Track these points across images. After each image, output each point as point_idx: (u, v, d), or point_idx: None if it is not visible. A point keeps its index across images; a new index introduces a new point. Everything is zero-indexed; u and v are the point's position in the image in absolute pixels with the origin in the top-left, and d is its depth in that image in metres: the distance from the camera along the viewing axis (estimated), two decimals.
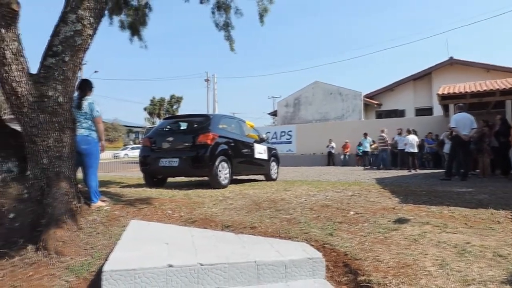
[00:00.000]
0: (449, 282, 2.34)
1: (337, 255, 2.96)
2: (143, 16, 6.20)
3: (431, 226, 3.58)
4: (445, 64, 23.16)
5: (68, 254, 2.95)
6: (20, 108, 3.21)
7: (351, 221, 3.84)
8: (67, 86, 3.39)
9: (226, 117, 8.19)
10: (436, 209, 4.36)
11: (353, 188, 6.18)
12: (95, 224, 3.65)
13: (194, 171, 6.78)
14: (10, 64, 3.02)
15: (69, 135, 3.55)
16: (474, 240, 3.10)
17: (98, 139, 4.22)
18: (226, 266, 2.54)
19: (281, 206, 4.51)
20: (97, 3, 3.33)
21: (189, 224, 3.81)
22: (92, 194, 4.17)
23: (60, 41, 3.27)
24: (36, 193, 3.44)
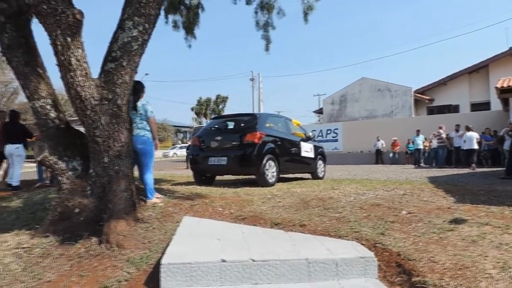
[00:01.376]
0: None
1: (390, 255, 2.90)
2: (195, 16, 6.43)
3: (491, 227, 3.39)
4: (504, 55, 21.58)
5: (128, 247, 3.14)
6: (84, 110, 3.46)
7: (404, 220, 3.74)
8: (125, 89, 3.60)
9: (273, 116, 8.24)
10: (496, 209, 4.12)
11: (404, 187, 5.98)
12: (150, 219, 3.85)
13: (242, 170, 6.91)
14: (75, 70, 3.27)
15: (127, 135, 3.78)
16: None
17: (152, 139, 4.44)
18: (277, 263, 2.58)
19: (330, 205, 4.48)
20: (151, 10, 3.51)
21: (239, 221, 3.90)
22: (147, 191, 4.40)
23: (119, 47, 3.49)
24: (98, 190, 3.69)
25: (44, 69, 3.79)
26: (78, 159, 3.85)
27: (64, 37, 3.10)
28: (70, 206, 3.69)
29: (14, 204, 5.71)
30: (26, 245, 3.45)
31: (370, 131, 19.85)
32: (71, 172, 3.78)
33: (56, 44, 3.13)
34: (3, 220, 4.74)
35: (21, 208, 5.38)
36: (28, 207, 5.41)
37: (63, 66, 3.26)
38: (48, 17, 2.98)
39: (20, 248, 3.41)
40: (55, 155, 3.74)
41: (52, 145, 3.74)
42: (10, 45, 3.54)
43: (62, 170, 3.76)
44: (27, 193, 6.59)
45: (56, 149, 3.74)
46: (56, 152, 3.74)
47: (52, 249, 3.27)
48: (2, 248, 3.45)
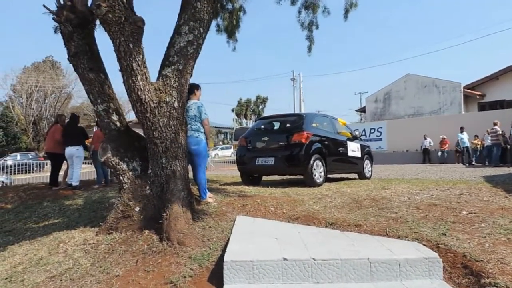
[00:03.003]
0: None
1: (454, 256, 2.80)
2: (237, 19, 6.53)
3: None
4: None
5: (188, 244, 3.25)
6: (144, 113, 3.63)
7: (465, 221, 3.58)
8: (181, 92, 3.75)
9: (319, 116, 8.18)
10: None
11: (460, 187, 5.72)
12: (206, 218, 3.97)
13: (290, 170, 6.91)
14: (136, 75, 3.45)
15: (183, 136, 3.92)
16: None
17: (205, 140, 4.56)
18: (338, 262, 2.57)
19: (384, 205, 4.38)
20: (205, 14, 3.62)
21: (292, 220, 3.92)
22: (201, 191, 4.53)
23: (176, 51, 3.63)
24: (156, 189, 3.86)
25: (106, 75, 4.01)
26: (138, 160, 4.04)
27: (126, 44, 3.27)
28: (131, 205, 3.88)
29: (76, 203, 6.10)
30: (92, 241, 3.68)
31: (416, 129, 19.12)
32: (131, 173, 3.97)
33: (119, 50, 3.32)
34: (68, 218, 5.08)
35: (83, 207, 5.73)
36: (89, 205, 5.76)
37: (125, 71, 3.44)
38: (113, 25, 3.16)
39: (86, 244, 3.64)
40: (117, 156, 3.94)
41: (114, 146, 3.95)
42: (77, 52, 3.78)
43: (123, 170, 3.96)
44: (86, 192, 7.01)
45: (118, 150, 3.95)
46: (118, 154, 3.95)
47: (116, 246, 3.46)
48: (71, 244, 3.71)
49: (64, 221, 4.92)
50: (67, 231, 4.19)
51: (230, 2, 6.54)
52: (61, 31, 3.85)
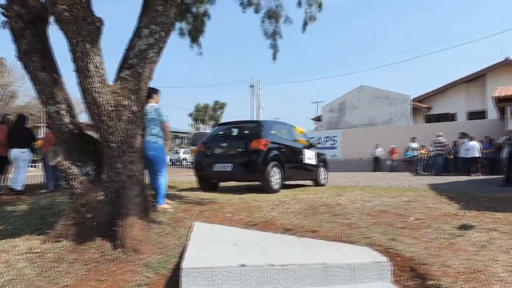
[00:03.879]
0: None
1: (403, 259, 2.95)
2: (201, 24, 6.51)
3: (499, 233, 3.46)
4: (500, 65, 21.90)
5: (144, 252, 3.18)
6: (100, 116, 3.51)
7: (413, 226, 3.80)
8: (140, 96, 3.67)
9: (278, 123, 8.33)
10: (502, 215, 4.20)
11: (408, 194, 6.06)
12: (162, 225, 3.90)
13: (247, 176, 6.96)
14: (92, 77, 3.33)
15: (140, 141, 3.83)
16: None
17: (164, 145, 4.48)
18: (295, 267, 2.63)
19: (338, 211, 4.54)
20: (168, 18, 3.59)
21: (250, 226, 3.95)
22: (159, 197, 4.44)
23: (135, 54, 3.55)
24: (111, 195, 3.73)
25: (60, 75, 3.83)
26: (92, 164, 3.88)
27: (84, 44, 3.17)
28: (83, 211, 3.72)
29: (20, 209, 5.71)
30: (38, 250, 3.47)
31: (369, 139, 19.99)
32: (84, 177, 3.81)
33: (75, 50, 3.20)
34: (11, 225, 4.74)
35: (28, 213, 5.38)
36: (35, 211, 5.42)
37: (81, 73, 3.32)
38: (70, 24, 3.05)
39: (32, 253, 3.42)
40: (69, 160, 3.77)
41: (66, 150, 3.78)
42: (28, 50, 3.57)
43: (76, 175, 3.79)
44: (32, 197, 6.60)
45: (70, 154, 3.78)
46: (70, 157, 3.77)
47: (65, 254, 3.29)
48: (14, 253, 3.47)
49: (7, 228, 4.60)
50: (10, 239, 3.91)
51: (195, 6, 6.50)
52: (10, 26, 3.63)
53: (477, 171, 13.87)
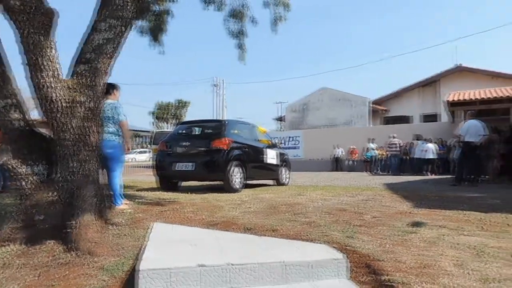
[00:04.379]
0: (469, 281, 2.44)
1: (359, 256, 3.05)
2: (163, 22, 6.37)
3: (447, 230, 3.67)
4: (452, 71, 23.24)
5: (100, 254, 3.06)
6: (53, 113, 3.35)
7: (369, 224, 3.94)
8: (97, 92, 3.53)
9: (240, 123, 8.33)
10: (450, 213, 4.45)
11: (366, 193, 6.27)
12: (120, 226, 3.78)
13: (209, 176, 6.92)
14: (46, 70, 3.17)
15: (97, 139, 3.69)
16: (490, 242, 3.20)
17: (122, 143, 4.35)
18: (255, 266, 2.64)
19: (299, 210, 4.61)
20: (128, 13, 3.48)
21: (211, 226, 3.92)
22: (116, 197, 4.30)
23: (93, 48, 3.42)
24: (65, 195, 3.56)
25: (9, 68, 3.61)
26: (44, 163, 3.69)
27: (36, 36, 3.00)
28: (33, 213, 3.53)
29: None
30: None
31: (330, 139, 20.49)
32: (35, 177, 3.61)
33: (27, 42, 3.03)
34: None
35: None
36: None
37: (32, 66, 3.15)
38: (20, 14, 2.88)
39: None
40: (18, 159, 3.56)
41: (16, 148, 3.56)
42: None
43: (26, 174, 3.58)
44: None
45: (19, 152, 3.56)
46: (19, 156, 3.56)
47: (13, 259, 3.10)
48: None
49: None
50: None
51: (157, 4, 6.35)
52: None
53: (431, 171, 14.68)
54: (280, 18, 6.26)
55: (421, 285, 2.48)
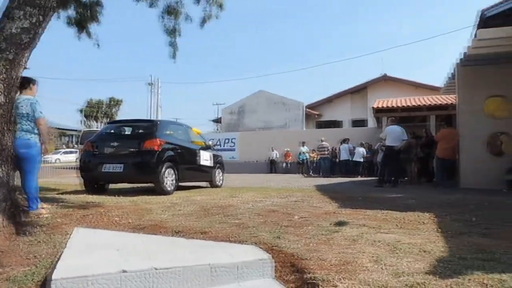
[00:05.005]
0: (383, 275, 2.61)
1: (285, 256, 3.13)
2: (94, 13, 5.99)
3: (367, 228, 3.91)
4: (379, 80, 24.99)
5: (7, 264, 2.79)
6: None
7: (297, 224, 4.06)
8: (10, 86, 3.23)
9: (174, 123, 8.17)
10: (371, 212, 4.75)
11: (296, 194, 6.47)
12: (35, 232, 3.48)
13: (140, 177, 6.67)
14: None
15: (9, 137, 3.37)
16: (404, 239, 3.47)
17: (40, 142, 4.02)
18: (180, 270, 2.58)
19: (230, 212, 4.62)
20: (47, 2, 3.23)
21: (138, 230, 3.77)
22: (31, 200, 3.97)
23: (4, 37, 3.12)
24: None
25: None
26: None
27: None
28: None
29: None
30: None
31: (265, 142, 20.89)
32: None
33: None
34: None
35: None
36: None
37: None
38: None
39: None
40: None
41: None
42: None
43: None
44: None
45: None
46: None
47: None
48: None
49: None
50: None
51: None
52: None
53: (360, 173, 15.68)
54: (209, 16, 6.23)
55: (340, 281, 2.60)
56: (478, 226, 4.05)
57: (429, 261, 2.88)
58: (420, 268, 2.72)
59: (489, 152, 9.17)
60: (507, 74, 9.03)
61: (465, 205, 5.55)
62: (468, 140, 9.31)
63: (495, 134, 9.17)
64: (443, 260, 2.89)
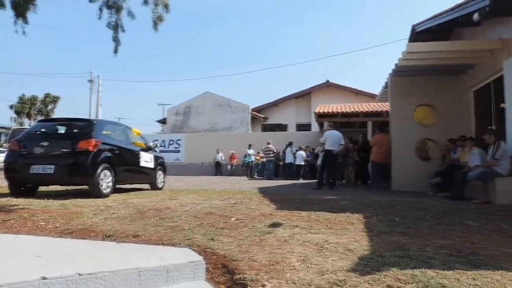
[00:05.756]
0: (308, 274, 2.75)
1: (217, 257, 3.17)
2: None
3: (299, 229, 4.07)
4: (322, 85, 26.00)
5: None
6: None
7: (232, 226, 4.12)
8: None
9: (112, 123, 7.87)
10: (305, 214, 4.94)
11: (237, 197, 6.54)
12: None
13: (73, 179, 6.35)
14: None
15: None
16: (331, 239, 3.66)
17: None
18: (107, 274, 2.52)
19: (166, 215, 4.57)
20: None
21: (65, 235, 3.61)
22: None
23: None
24: None
25: None
26: None
27: None
28: None
29: None
30: None
31: (211, 144, 20.83)
32: None
33: None
34: None
35: None
36: None
37: None
38: None
39: None
40: None
41: None
42: None
43: None
44: None
45: None
46: None
47: None
48: None
49: None
50: None
51: None
52: None
53: (302, 176, 16.24)
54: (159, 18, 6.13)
55: (268, 281, 2.70)
56: (399, 226, 4.37)
57: (352, 259, 3.08)
58: (343, 266, 2.90)
59: (417, 157, 9.94)
60: (435, 85, 9.88)
61: (393, 206, 5.95)
62: (399, 145, 10.02)
63: (423, 140, 9.96)
64: (364, 258, 3.10)
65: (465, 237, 3.82)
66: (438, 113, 9.88)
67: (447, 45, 8.62)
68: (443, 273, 2.60)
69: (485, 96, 8.63)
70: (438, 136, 9.71)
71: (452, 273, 2.60)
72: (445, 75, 9.79)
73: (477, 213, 5.30)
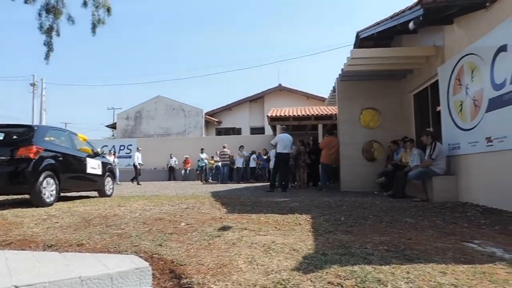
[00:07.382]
0: (254, 275, 2.84)
1: (164, 263, 3.18)
2: None
3: (248, 231, 4.16)
4: (275, 89, 26.46)
5: None
6: None
7: (181, 231, 4.12)
8: None
9: (55, 129, 7.52)
10: (255, 216, 5.05)
11: (188, 202, 6.52)
12: None
13: (12, 188, 6.00)
14: None
15: None
16: (278, 240, 3.77)
17: None
18: (46, 285, 2.45)
19: (113, 222, 4.47)
20: None
21: (3, 246, 3.45)
22: None
23: None
24: None
25: None
26: None
27: None
28: None
29: None
30: None
31: (164, 149, 20.47)
32: None
33: None
34: None
35: None
36: None
37: None
38: None
39: None
40: None
41: None
42: None
43: None
44: None
45: None
46: None
47: None
48: None
49: None
50: None
51: None
52: None
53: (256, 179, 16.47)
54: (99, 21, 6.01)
55: (215, 284, 2.75)
56: (344, 225, 4.59)
57: (297, 258, 3.21)
58: (287, 266, 3.02)
59: (364, 158, 10.44)
60: (379, 89, 10.46)
61: (339, 206, 6.22)
62: (347, 147, 10.48)
63: (369, 142, 10.49)
64: (308, 256, 3.24)
65: (402, 233, 4.09)
66: (383, 116, 10.44)
67: (387, 51, 9.17)
68: (380, 268, 2.79)
69: (423, 99, 9.26)
70: (383, 138, 10.26)
71: (388, 268, 2.79)
72: (388, 79, 10.39)
73: (416, 211, 5.69)
